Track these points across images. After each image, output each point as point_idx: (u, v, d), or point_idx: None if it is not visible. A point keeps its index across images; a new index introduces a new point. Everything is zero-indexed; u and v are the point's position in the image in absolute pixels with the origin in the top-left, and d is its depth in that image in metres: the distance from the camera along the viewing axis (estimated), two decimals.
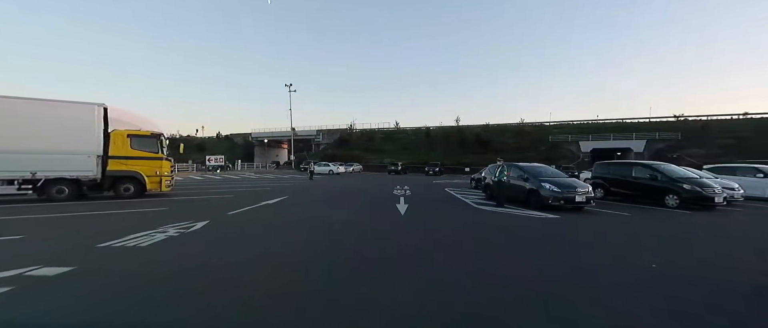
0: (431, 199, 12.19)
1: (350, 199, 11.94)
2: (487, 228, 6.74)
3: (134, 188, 11.13)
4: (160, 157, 11.54)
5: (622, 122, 50.45)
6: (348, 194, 13.58)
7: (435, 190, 16.25)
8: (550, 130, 52.03)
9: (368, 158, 52.05)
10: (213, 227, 6.18)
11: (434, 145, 54.75)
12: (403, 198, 11.83)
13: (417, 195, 13.27)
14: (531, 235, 6.08)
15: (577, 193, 8.46)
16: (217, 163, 31.85)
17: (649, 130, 46.68)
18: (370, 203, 10.62)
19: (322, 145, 67.55)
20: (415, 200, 11.36)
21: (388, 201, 10.98)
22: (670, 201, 9.52)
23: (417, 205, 10.13)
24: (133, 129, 11.39)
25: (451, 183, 21.89)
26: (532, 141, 49.48)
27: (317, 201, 11.21)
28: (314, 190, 15.40)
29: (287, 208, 9.40)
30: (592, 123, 52.08)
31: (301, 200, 11.37)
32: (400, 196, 12.64)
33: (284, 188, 16.42)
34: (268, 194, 12.87)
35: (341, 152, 55.80)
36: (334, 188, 16.87)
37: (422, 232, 6.31)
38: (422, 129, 60.06)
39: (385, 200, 11.50)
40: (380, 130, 65.15)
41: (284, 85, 48.20)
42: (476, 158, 46.99)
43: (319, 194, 13.61)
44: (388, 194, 13.64)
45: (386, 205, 10.08)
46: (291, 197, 12.26)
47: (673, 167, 10.34)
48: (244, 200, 11.04)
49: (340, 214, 8.35)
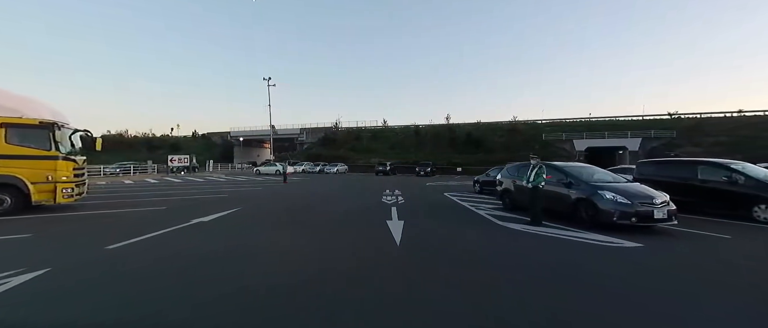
0: (432, 209, 9.35)
1: (325, 211, 8.94)
2: (540, 270, 3.90)
3: (12, 199, 7.76)
4: (54, 155, 8.18)
5: (616, 120, 49.23)
6: (324, 203, 10.55)
7: (432, 195, 13.42)
8: (542, 129, 50.34)
9: (355, 158, 49.00)
10: (38, 288, 3.06)
11: (424, 144, 52.23)
12: (395, 209, 8.92)
13: (412, 204, 10.41)
14: (630, 294, 3.24)
15: (655, 205, 5.72)
16: (182, 163, 28.06)
17: (642, 128, 45.52)
18: (351, 220, 7.65)
19: (305, 144, 64.03)
20: (412, 212, 8.47)
21: (375, 214, 8.06)
22: (761, 213, 6.93)
23: (416, 221, 7.25)
24: (10, 116, 7.99)
25: (448, 186, 19.14)
26: (525, 139, 47.65)
27: (277, 216, 8.16)
28: (282, 198, 12.33)
29: (224, 230, 6.33)
30: (585, 121, 50.71)
31: (256, 214, 8.32)
32: (391, 205, 9.73)
33: (247, 194, 13.27)
34: (218, 205, 9.72)
35: (326, 152, 52.53)
36: (308, 194, 13.81)
37: (437, 284, 3.37)
38: (411, 127, 57.44)
39: (371, 212, 8.57)
40: (367, 128, 62.18)
41: (263, 79, 44.33)
42: (467, 158, 44.79)
43: (285, 204, 10.52)
44: (376, 202, 10.71)
45: (373, 221, 7.15)
46: (245, 208, 9.16)
47: (755, 167, 7.81)
48: (178, 214, 7.90)
49: (299, 241, 5.35)
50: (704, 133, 41.75)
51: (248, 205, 9.89)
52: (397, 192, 14.00)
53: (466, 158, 44.82)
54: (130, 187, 16.77)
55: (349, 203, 10.59)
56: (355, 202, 10.82)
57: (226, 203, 10.28)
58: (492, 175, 13.15)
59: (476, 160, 44.22)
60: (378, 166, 34.88)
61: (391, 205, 9.84)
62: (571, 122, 51.22)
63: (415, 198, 11.96)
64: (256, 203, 10.54)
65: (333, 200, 11.41)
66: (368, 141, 56.44)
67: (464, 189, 16.66)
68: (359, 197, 12.26)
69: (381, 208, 9.24)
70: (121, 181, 21.26)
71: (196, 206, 9.47)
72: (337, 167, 36.87)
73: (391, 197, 12.00)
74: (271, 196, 12.65)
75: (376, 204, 10.14)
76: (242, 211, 8.64)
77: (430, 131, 54.37)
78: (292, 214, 8.41)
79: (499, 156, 44.65)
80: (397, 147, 52.82)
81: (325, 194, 13.60)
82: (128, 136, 79.14)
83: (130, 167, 26.63)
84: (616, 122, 48.80)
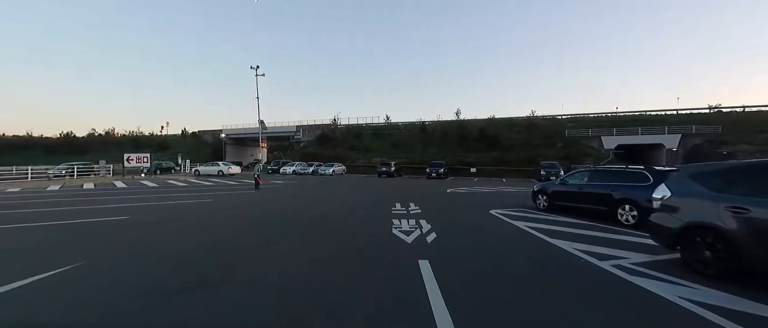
0: (505, 261, 4.37)
1: (251, 278, 3.88)
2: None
3: None
4: None
5: (647, 115, 44.06)
6: (273, 244, 5.50)
7: (476, 217, 8.39)
8: (564, 124, 45.16)
9: (354, 158, 44.07)
10: None
11: (431, 142, 47.22)
12: (427, 269, 3.90)
13: (455, 244, 5.42)
14: None
15: None
16: (143, 163, 23.08)
17: (679, 123, 40.20)
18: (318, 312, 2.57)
19: (302, 142, 59.15)
20: (484, 294, 3.37)
21: (387, 279, 3.06)
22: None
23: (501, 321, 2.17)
24: None
25: (480, 195, 14.11)
26: (545, 136, 42.65)
27: (181, 275, 3.09)
28: (234, 219, 7.45)
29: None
30: (611, 116, 45.56)
31: (66, 294, 3.24)
32: (414, 249, 4.79)
33: (192, 208, 8.40)
34: (49, 250, 4.71)
35: (323, 151, 47.61)
36: (276, 212, 8.86)
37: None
38: (417, 124, 52.42)
39: (376, 266, 3.51)
40: (368, 125, 57.21)
41: (250, 68, 39.44)
42: (481, 157, 39.72)
43: (227, 234, 5.56)
44: (384, 233, 5.90)
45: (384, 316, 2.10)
46: (73, 271, 4.11)
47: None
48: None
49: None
50: (754, 128, 36.50)
51: (98, 257, 4.85)
52: (412, 207, 9.03)
53: (480, 157, 39.82)
54: (15, 196, 11.79)
55: (328, 243, 5.51)
56: (339, 238, 5.78)
57: (81, 243, 5.24)
58: (574, 182, 8.07)
59: (491, 159, 39.21)
60: (381, 166, 29.83)
61: (414, 247, 4.88)
62: (595, 117, 46.10)
63: (452, 225, 6.93)
64: (186, 226, 5.64)
65: (299, 231, 6.35)
66: (369, 139, 51.49)
67: (512, 199, 11.69)
68: (351, 223, 7.23)
69: (396, 258, 4.24)
70: (44, 186, 16.36)
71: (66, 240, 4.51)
72: (334, 168, 31.85)
73: (409, 223, 6.96)
74: (194, 222, 7.58)
75: (386, 238, 5.20)
76: (58, 278, 3.61)
77: (437, 128, 49.37)
78: (219, 271, 3.41)
79: (518, 154, 39.59)
80: (401, 145, 47.87)
81: (297, 212, 8.60)
82: (115, 135, 74.85)
83: (74, 168, 21.66)
84: (648, 117, 43.72)
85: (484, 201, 11.45)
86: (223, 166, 28.66)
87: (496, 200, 11.98)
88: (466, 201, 11.60)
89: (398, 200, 10.97)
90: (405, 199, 11.57)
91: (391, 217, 7.69)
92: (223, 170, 28.14)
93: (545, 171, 23.96)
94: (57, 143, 69.79)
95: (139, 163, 23.23)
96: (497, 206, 10.04)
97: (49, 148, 67.15)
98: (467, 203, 10.89)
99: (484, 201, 11.45)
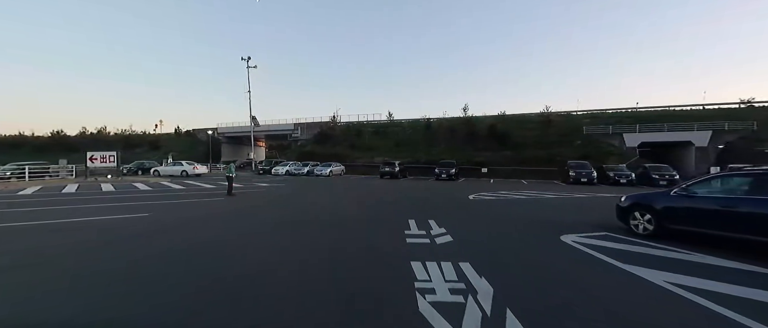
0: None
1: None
2: None
3: None
4: None
5: (670, 110, 40.82)
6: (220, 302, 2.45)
7: (537, 245, 5.38)
8: (580, 121, 41.95)
9: (354, 157, 41.09)
10: None
11: (436, 140, 44.11)
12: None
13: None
14: None
15: None
16: (108, 163, 19.99)
17: (707, 119, 36.92)
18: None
19: (300, 141, 56.20)
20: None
21: None
22: None
23: None
24: None
25: (513, 201, 10.95)
26: (562, 133, 39.51)
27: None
28: (116, 259, 4.35)
29: None
30: (632, 112, 42.31)
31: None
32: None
33: (83, 236, 5.28)
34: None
35: (322, 150, 44.59)
36: (221, 240, 5.78)
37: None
38: (421, 121, 49.35)
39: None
40: (370, 123, 54.17)
41: (241, 59, 36.44)
42: (491, 156, 36.60)
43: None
44: (403, 315, 2.59)
45: None
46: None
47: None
48: None
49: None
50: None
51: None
52: (436, 230, 6.10)
53: (490, 156, 36.74)
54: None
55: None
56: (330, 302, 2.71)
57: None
58: (716, 194, 4.83)
59: (503, 158, 36.11)
60: (384, 166, 26.71)
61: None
62: (614, 113, 42.87)
63: (530, 283, 3.81)
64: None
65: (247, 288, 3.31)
66: (371, 137, 48.48)
67: (564, 211, 8.58)
68: (333, 279, 4.14)
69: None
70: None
71: None
72: (331, 168, 28.78)
73: (444, 275, 3.88)
74: (92, 261, 4.54)
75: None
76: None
77: (444, 125, 46.20)
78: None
79: (533, 153, 36.53)
80: (405, 144, 44.82)
81: (240, 248, 5.49)
82: (107, 134, 72.47)
83: (26, 169, 18.63)
84: (672, 113, 40.41)
85: (530, 216, 8.34)
86: (186, 166, 25.77)
87: (543, 213, 8.88)
88: (505, 215, 8.48)
89: (411, 214, 7.94)
90: (419, 211, 8.49)
91: (407, 254, 4.61)
92: (186, 170, 25.25)
93: (575, 172, 20.77)
94: (47, 142, 67.44)
95: (104, 162, 20.19)
96: (557, 224, 6.94)
97: (39, 148, 64.83)
98: (511, 220, 7.76)
99: (530, 216, 8.34)
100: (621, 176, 20.28)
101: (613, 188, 18.45)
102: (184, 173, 25.03)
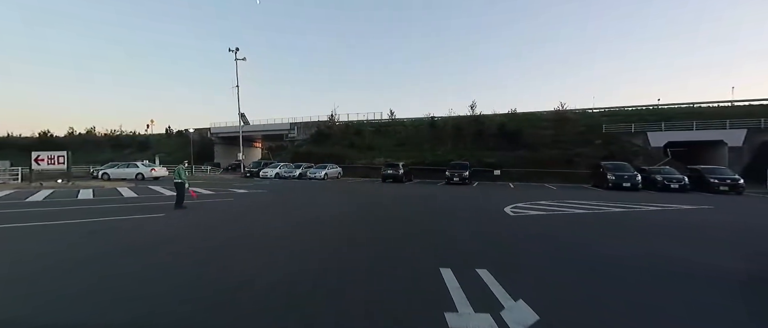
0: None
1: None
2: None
3: None
4: None
5: (696, 108, 37.71)
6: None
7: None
8: (598, 119, 38.86)
9: (354, 157, 38.03)
10: None
11: (442, 139, 40.96)
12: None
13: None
14: None
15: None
16: (56, 165, 16.80)
17: (737, 116, 33.71)
18: None
19: (296, 141, 53.04)
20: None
21: None
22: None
23: None
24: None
25: (579, 221, 7.91)
26: (579, 132, 36.40)
27: None
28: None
29: None
30: (653, 109, 39.23)
31: None
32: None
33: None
34: None
35: (319, 150, 41.51)
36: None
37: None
38: (425, 120, 46.17)
39: None
40: (370, 122, 51.02)
41: (229, 50, 33.40)
42: (502, 156, 33.44)
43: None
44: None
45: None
46: None
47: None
48: None
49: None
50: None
51: None
52: (502, 296, 2.96)
53: (501, 157, 33.61)
54: None
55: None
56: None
57: None
58: None
59: (516, 158, 32.99)
60: (386, 168, 23.53)
61: None
62: (634, 111, 39.75)
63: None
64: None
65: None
66: (371, 137, 45.34)
67: (729, 251, 5.41)
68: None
69: None
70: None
71: None
72: (326, 170, 25.62)
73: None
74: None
75: None
76: None
77: (449, 123, 43.00)
78: None
79: (548, 153, 33.31)
80: (408, 143, 41.71)
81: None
82: (96, 134, 69.67)
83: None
84: (698, 110, 37.33)
85: (649, 255, 5.13)
86: (142, 167, 22.78)
87: (662, 246, 5.68)
88: (605, 257, 5.20)
89: (439, 253, 4.86)
90: (451, 246, 5.34)
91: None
92: (142, 172, 22.24)
93: (614, 176, 17.49)
94: (34, 143, 64.49)
95: (53, 164, 17.05)
96: (727, 279, 3.76)
97: (25, 148, 61.78)
98: (633, 271, 4.46)
99: (649, 255, 5.13)
100: (671, 180, 17.01)
101: (662, 195, 15.27)
102: (140, 176, 22.03)
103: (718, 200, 13.55)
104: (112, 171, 22.51)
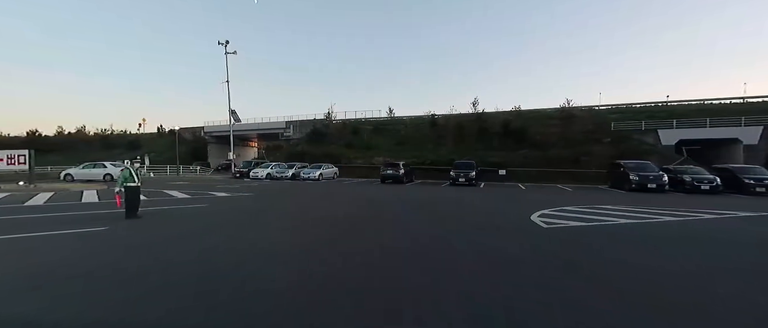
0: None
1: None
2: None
3: None
4: None
5: (707, 104, 36.35)
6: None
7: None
8: (606, 116, 37.40)
9: (351, 157, 36.47)
10: None
11: (443, 138, 39.43)
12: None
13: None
14: None
15: None
16: (16, 165, 14.89)
17: (752, 113, 32.31)
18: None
19: (292, 140, 51.32)
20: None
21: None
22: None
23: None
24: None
25: (632, 236, 6.40)
26: (588, 130, 34.84)
27: None
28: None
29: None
30: (663, 106, 37.79)
31: None
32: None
33: None
34: None
35: (315, 149, 39.87)
36: None
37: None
38: (425, 118, 44.61)
39: None
40: (368, 120, 49.40)
41: (218, 43, 31.71)
42: (507, 156, 31.89)
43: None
44: None
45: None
46: None
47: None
48: None
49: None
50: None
51: None
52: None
53: (506, 156, 32.09)
54: None
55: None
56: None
57: None
58: None
59: (522, 158, 31.47)
60: (386, 168, 21.84)
61: None
62: (643, 108, 38.35)
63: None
64: None
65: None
66: (369, 135, 43.76)
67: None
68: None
69: None
70: None
71: None
72: (321, 171, 23.95)
73: None
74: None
75: None
76: None
77: (451, 122, 41.47)
78: None
79: (555, 152, 31.78)
80: (407, 142, 40.16)
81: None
82: (86, 134, 67.75)
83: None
84: (710, 107, 35.94)
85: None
86: (111, 167, 20.69)
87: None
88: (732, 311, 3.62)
89: (473, 303, 3.14)
90: (486, 289, 3.72)
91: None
92: (112, 173, 20.24)
93: (638, 176, 15.86)
94: (21, 143, 62.49)
95: (12, 163, 15.26)
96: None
97: (11, 148, 59.75)
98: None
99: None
100: (702, 180, 15.37)
101: (693, 197, 13.63)
102: (108, 177, 20.09)
103: (765, 204, 11.94)
104: (75, 172, 20.65)
